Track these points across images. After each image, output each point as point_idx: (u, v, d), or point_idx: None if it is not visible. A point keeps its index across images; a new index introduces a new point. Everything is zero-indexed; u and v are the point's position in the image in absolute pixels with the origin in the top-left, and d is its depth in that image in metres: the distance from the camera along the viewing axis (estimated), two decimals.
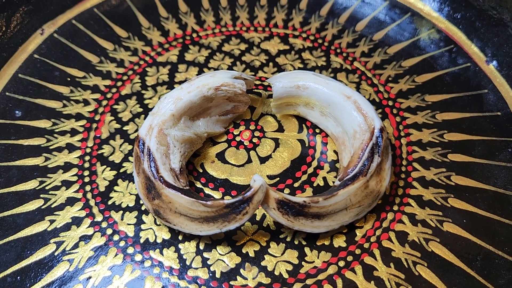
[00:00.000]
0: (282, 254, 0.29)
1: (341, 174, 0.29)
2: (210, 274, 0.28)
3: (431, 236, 0.29)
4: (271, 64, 0.38)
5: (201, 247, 0.29)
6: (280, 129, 0.34)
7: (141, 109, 0.35)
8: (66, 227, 0.30)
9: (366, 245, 0.29)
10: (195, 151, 0.33)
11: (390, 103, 0.36)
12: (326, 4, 0.42)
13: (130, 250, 0.29)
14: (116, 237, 0.29)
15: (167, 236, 0.29)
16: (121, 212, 0.30)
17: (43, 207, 0.31)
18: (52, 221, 0.30)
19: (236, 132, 0.34)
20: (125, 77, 0.37)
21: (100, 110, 0.35)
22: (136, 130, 0.34)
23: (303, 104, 0.33)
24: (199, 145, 0.32)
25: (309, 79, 0.31)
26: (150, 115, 0.30)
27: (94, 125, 0.34)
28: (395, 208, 0.31)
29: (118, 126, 0.34)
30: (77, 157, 0.33)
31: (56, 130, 0.34)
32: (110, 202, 0.31)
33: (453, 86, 0.36)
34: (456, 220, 0.30)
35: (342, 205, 0.28)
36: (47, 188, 0.31)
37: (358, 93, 0.31)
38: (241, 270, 0.28)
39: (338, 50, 0.39)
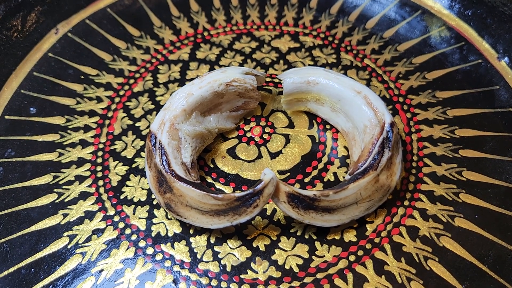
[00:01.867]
0: (292, 248, 0.29)
1: (352, 169, 0.29)
2: (221, 268, 0.28)
3: (443, 231, 0.29)
4: (281, 61, 0.38)
5: (212, 241, 0.29)
6: (291, 125, 0.34)
7: (153, 106, 0.36)
8: (79, 221, 0.30)
9: (377, 240, 0.29)
10: (206, 146, 0.33)
11: (401, 99, 0.36)
12: (336, 2, 0.42)
13: (142, 244, 0.29)
14: (128, 231, 0.30)
15: (178, 230, 0.30)
16: (133, 206, 0.31)
17: (56, 201, 0.31)
18: (65, 215, 0.30)
19: (246, 128, 0.34)
20: (137, 75, 0.38)
21: (113, 107, 0.36)
22: (148, 127, 0.35)
23: (313, 100, 0.33)
24: (210, 140, 0.32)
25: (320, 74, 0.31)
26: (162, 110, 0.31)
27: (107, 122, 0.35)
28: (406, 203, 0.30)
29: (130, 122, 0.35)
30: (90, 153, 0.33)
31: (70, 127, 0.35)
32: (122, 197, 0.31)
33: (464, 83, 0.36)
34: (468, 215, 0.30)
35: (353, 199, 0.28)
36: (60, 182, 0.32)
37: (368, 88, 0.31)
38: (252, 264, 0.28)
39: (349, 48, 0.39)
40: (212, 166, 0.32)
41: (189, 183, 0.28)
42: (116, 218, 0.30)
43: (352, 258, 0.28)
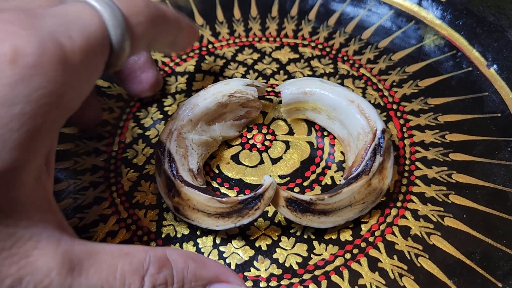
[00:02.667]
0: (292, 247, 0.31)
1: (346, 173, 0.32)
2: (226, 266, 0.30)
3: (433, 230, 0.31)
4: (281, 72, 0.40)
5: (218, 241, 0.31)
6: (291, 132, 0.37)
7: (161, 116, 0.38)
8: (95, 224, 0.32)
9: (371, 239, 0.31)
10: (212, 153, 0.35)
11: (395, 106, 0.38)
12: (334, 14, 0.44)
13: (153, 245, 0.31)
14: (140, 233, 0.32)
15: (186, 231, 0.32)
16: (144, 210, 0.33)
17: (73, 205, 0.33)
18: (81, 219, 0.33)
19: (249, 135, 0.37)
20: None
21: (124, 117, 0.38)
22: (157, 135, 0.37)
23: (310, 109, 0.35)
24: (215, 147, 0.35)
25: (315, 85, 0.34)
26: (170, 120, 0.33)
27: (119, 131, 0.37)
28: (399, 204, 0.32)
29: (140, 131, 0.37)
30: (103, 160, 0.36)
31: (84, 136, 0.37)
32: (134, 201, 0.33)
33: (455, 90, 0.38)
34: (457, 215, 0.32)
35: (347, 202, 0.30)
36: (77, 188, 0.34)
37: (361, 97, 0.33)
38: (255, 262, 0.30)
39: (345, 58, 0.41)
40: (217, 171, 0.35)
41: (196, 188, 0.30)
42: (129, 221, 0.33)
43: (348, 256, 0.30)
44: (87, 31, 0.22)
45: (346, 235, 0.31)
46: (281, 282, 0.29)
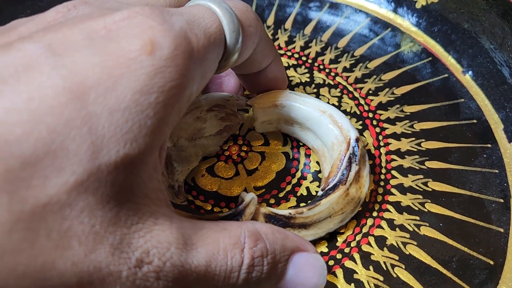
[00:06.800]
0: None
1: (323, 185, 0.31)
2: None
3: (409, 240, 0.31)
4: None
5: None
6: (266, 143, 0.36)
7: None
8: None
9: (346, 250, 0.31)
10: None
11: (370, 115, 0.38)
12: (310, 22, 0.44)
13: None
14: None
15: None
16: None
17: None
18: None
19: (225, 147, 0.36)
20: None
21: None
22: None
23: (283, 122, 0.35)
24: (195, 163, 0.34)
25: (286, 97, 0.33)
26: None
27: None
28: (375, 214, 0.32)
29: None
30: None
31: None
32: None
33: (431, 97, 0.38)
34: (433, 224, 0.32)
35: (326, 214, 0.29)
36: None
37: (332, 107, 0.33)
38: None
39: (321, 67, 0.41)
40: (192, 184, 0.34)
41: (176, 205, 0.29)
42: None
43: None
44: (208, 31, 0.23)
45: (322, 247, 0.31)
46: None
